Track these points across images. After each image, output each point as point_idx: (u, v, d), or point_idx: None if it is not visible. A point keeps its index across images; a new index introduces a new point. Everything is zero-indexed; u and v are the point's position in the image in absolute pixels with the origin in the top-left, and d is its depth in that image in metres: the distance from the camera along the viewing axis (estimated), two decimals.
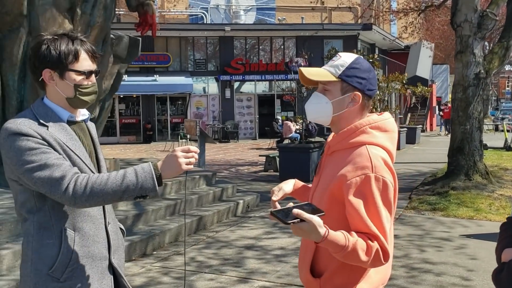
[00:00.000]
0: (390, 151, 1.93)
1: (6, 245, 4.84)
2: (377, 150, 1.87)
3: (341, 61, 1.95)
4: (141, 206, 6.70)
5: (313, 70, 1.98)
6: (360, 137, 1.90)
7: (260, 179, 12.28)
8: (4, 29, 6.45)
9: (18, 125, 1.93)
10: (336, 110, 1.94)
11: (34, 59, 2.01)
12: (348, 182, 1.82)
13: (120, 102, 26.10)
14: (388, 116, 2.00)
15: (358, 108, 1.95)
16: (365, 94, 1.94)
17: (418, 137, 22.90)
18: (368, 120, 1.94)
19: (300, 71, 1.96)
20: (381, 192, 1.81)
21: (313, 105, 1.99)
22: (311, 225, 1.69)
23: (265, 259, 5.68)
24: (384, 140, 1.93)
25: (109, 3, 7.05)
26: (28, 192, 1.97)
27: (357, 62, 1.94)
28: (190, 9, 30.00)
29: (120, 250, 2.23)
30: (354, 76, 1.92)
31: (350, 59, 1.95)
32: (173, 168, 1.91)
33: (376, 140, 1.90)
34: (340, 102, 1.93)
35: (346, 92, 1.93)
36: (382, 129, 1.94)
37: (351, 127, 1.93)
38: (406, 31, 18.02)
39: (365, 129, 1.91)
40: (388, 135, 1.95)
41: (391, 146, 1.95)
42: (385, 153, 1.90)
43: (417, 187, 10.39)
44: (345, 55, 1.98)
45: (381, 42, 30.52)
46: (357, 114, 1.96)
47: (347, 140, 1.92)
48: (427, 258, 5.72)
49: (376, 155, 1.84)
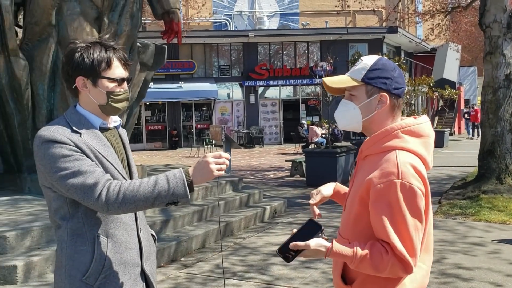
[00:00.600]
0: (423, 157, 1.85)
1: (37, 251, 4.91)
2: (407, 156, 1.81)
3: (362, 64, 1.92)
4: (168, 212, 6.73)
5: (335, 78, 1.96)
6: (391, 142, 1.85)
7: (286, 185, 12.24)
8: (33, 39, 6.59)
9: (52, 132, 1.95)
10: (365, 114, 1.90)
11: (67, 67, 2.02)
12: (373, 188, 1.78)
13: (147, 109, 26.41)
14: (424, 120, 1.93)
15: (387, 109, 1.89)
16: (392, 94, 1.89)
17: (446, 140, 22.57)
18: (400, 124, 1.87)
19: (323, 81, 1.95)
20: (408, 199, 1.75)
21: (341, 113, 1.96)
22: (311, 250, 1.78)
23: (291, 265, 5.63)
24: (417, 146, 1.85)
25: (135, 12, 7.14)
26: (62, 199, 1.99)
27: (379, 63, 1.90)
28: (214, 16, 30.19)
29: (152, 256, 2.23)
30: (377, 77, 1.88)
31: (371, 61, 1.92)
32: (204, 174, 1.90)
33: (407, 145, 1.84)
34: (367, 106, 1.89)
35: (372, 95, 1.88)
36: (415, 134, 1.87)
37: (382, 131, 1.87)
38: (433, 33, 17.78)
39: (396, 133, 1.86)
40: (421, 140, 1.88)
41: (425, 152, 1.87)
42: (417, 159, 1.83)
43: (447, 191, 10.21)
44: (367, 58, 1.95)
45: (407, 45, 30.21)
46: (387, 115, 1.90)
47: (379, 144, 1.87)
48: (459, 263, 5.60)
49: (404, 162, 1.78)
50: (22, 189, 6.79)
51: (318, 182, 2.42)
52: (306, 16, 31.08)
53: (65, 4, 6.49)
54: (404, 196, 1.74)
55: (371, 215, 1.80)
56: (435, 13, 15.74)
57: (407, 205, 1.75)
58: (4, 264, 4.52)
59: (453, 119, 31.24)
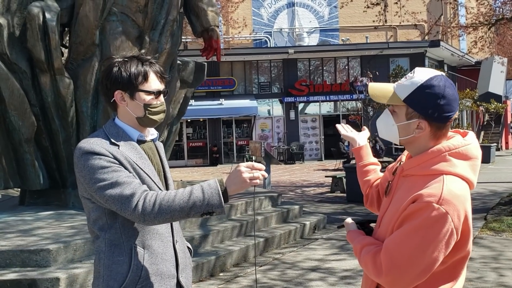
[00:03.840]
0: (471, 182, 1.74)
1: (79, 264, 5.02)
2: (454, 183, 1.69)
3: (411, 81, 1.75)
4: (207, 227, 6.77)
5: (379, 90, 1.84)
6: (438, 166, 1.72)
7: (326, 201, 12.12)
8: (78, 58, 6.81)
9: (91, 144, 2.01)
10: (402, 134, 1.81)
11: (106, 81, 2.09)
12: (410, 206, 1.69)
13: (188, 126, 26.78)
14: (471, 140, 1.79)
15: (427, 135, 1.76)
16: (432, 123, 1.74)
17: (492, 156, 21.92)
18: (448, 146, 1.73)
19: (369, 86, 1.86)
20: (433, 224, 1.63)
21: (381, 124, 1.89)
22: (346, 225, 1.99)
23: (329, 281, 5.55)
24: (465, 169, 1.73)
25: (175, 30, 7.29)
26: (100, 209, 2.03)
27: (429, 84, 1.72)
28: (254, 34, 30.49)
29: (187, 269, 2.24)
30: (420, 102, 1.72)
31: (421, 78, 1.74)
32: (238, 183, 1.91)
33: (456, 169, 1.71)
34: (405, 128, 1.78)
35: (411, 118, 1.75)
36: (463, 157, 1.73)
37: (428, 152, 1.75)
38: (476, 46, 17.41)
39: (444, 156, 1.72)
40: (470, 163, 1.75)
41: (473, 176, 1.75)
42: (465, 185, 1.72)
43: (493, 207, 9.88)
44: (419, 73, 1.77)
45: (450, 59, 29.64)
46: (428, 141, 1.77)
47: (424, 166, 1.75)
48: (504, 281, 5.39)
49: (449, 189, 1.65)
50: (67, 204, 6.97)
51: (359, 198, 2.40)
52: (346, 31, 30.97)
53: (108, 24, 6.69)
54: (434, 221, 1.63)
55: (395, 228, 1.75)
56: (478, 26, 15.40)
57: (430, 230, 1.63)
58: (48, 276, 4.64)
59: (500, 133, 30.33)
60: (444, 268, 1.74)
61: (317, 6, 30.83)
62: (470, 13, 17.14)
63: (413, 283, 1.71)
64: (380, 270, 1.72)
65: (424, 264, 1.66)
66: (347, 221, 2.03)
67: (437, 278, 1.75)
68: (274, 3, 30.62)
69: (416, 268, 1.67)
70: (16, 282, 4.60)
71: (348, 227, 2.00)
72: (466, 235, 1.72)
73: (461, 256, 1.76)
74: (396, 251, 1.69)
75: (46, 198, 7.14)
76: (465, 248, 1.75)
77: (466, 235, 1.72)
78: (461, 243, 1.71)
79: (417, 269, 1.67)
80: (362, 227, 1.98)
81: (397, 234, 1.72)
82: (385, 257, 1.71)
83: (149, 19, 6.88)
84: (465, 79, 31.45)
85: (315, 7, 30.82)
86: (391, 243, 1.72)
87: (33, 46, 6.37)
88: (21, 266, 4.87)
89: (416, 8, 21.15)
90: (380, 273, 1.71)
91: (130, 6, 6.74)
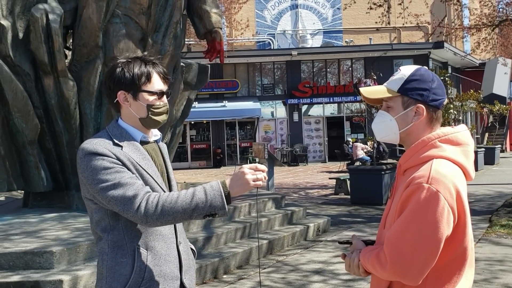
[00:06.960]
0: (463, 166, 1.79)
1: (82, 266, 5.01)
2: (443, 164, 1.74)
3: (400, 74, 1.88)
4: (211, 229, 6.76)
5: (372, 89, 1.94)
6: (429, 152, 1.80)
7: (330, 203, 12.08)
8: (81, 60, 6.82)
9: (94, 145, 2.01)
10: (401, 126, 1.86)
11: (109, 82, 2.09)
12: (403, 193, 1.75)
13: (191, 128, 26.79)
14: (461, 128, 1.87)
15: (424, 121, 1.84)
16: (429, 106, 1.83)
17: (497, 157, 21.83)
18: (437, 133, 1.83)
19: (360, 92, 1.92)
20: (429, 206, 1.67)
21: (378, 124, 1.93)
22: (353, 244, 1.94)
23: (332, 284, 5.53)
24: (456, 154, 1.79)
25: (178, 32, 7.30)
26: (103, 210, 2.03)
27: (417, 74, 1.85)
28: (257, 36, 30.49)
29: (191, 270, 2.23)
30: (414, 88, 1.83)
31: (409, 71, 1.87)
32: (241, 185, 1.91)
33: (445, 153, 1.78)
34: (404, 118, 1.85)
35: (408, 106, 1.84)
36: (453, 142, 1.81)
37: (419, 142, 1.83)
38: (479, 47, 17.37)
39: (434, 142, 1.80)
40: (461, 148, 1.81)
41: (465, 160, 1.80)
42: (455, 168, 1.77)
43: (498, 209, 9.84)
44: (404, 68, 1.90)
45: (454, 60, 29.58)
46: (425, 127, 1.85)
47: (416, 156, 1.82)
48: (510, 283, 5.36)
49: (436, 169, 1.72)
50: (70, 206, 6.97)
51: (363, 200, 2.39)
52: (349, 33, 30.94)
53: (111, 26, 6.70)
54: (427, 201, 1.68)
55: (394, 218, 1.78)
56: (481, 27, 15.37)
57: (426, 211, 1.68)
58: (51, 278, 4.63)
59: (504, 135, 30.22)
60: (449, 262, 1.75)
61: (321, 7, 30.84)
62: (474, 15, 17.11)
63: (423, 270, 1.71)
64: (385, 263, 1.73)
65: (429, 246, 1.68)
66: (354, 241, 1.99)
67: (441, 274, 1.76)
68: (277, 5, 30.64)
69: (422, 252, 1.68)
70: (20, 284, 4.59)
71: (357, 246, 1.95)
72: (462, 216, 1.74)
73: (463, 247, 1.77)
74: (399, 240, 1.71)
75: (50, 200, 7.14)
76: (465, 230, 1.76)
77: (463, 216, 1.74)
78: (460, 225, 1.73)
79: (423, 253, 1.68)
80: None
81: (396, 224, 1.75)
82: (388, 249, 1.72)
83: (152, 21, 6.89)
84: (469, 81, 31.37)
85: (318, 9, 30.84)
86: (392, 234, 1.74)
87: (36, 48, 6.38)
88: (24, 268, 4.86)
89: (419, 10, 21.12)
90: (385, 265, 1.72)
91: (133, 8, 6.75)
